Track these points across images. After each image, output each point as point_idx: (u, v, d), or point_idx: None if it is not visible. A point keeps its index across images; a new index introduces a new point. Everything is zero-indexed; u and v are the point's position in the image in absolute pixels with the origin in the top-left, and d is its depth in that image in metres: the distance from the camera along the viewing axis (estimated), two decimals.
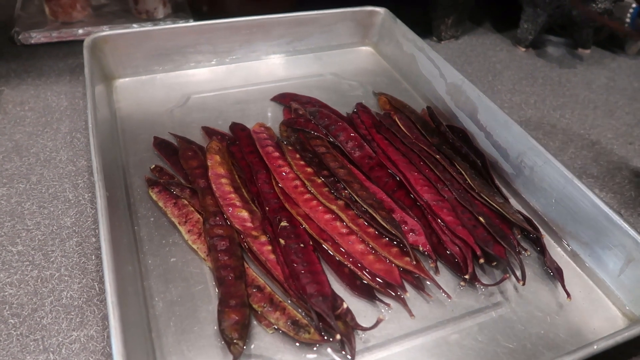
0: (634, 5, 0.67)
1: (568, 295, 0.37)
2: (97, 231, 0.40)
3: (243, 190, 0.43)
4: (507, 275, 0.37)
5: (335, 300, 0.35)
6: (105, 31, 0.54)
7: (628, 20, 0.68)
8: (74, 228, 0.40)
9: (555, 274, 0.39)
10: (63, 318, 0.34)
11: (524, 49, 0.71)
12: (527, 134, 0.44)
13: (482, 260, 0.38)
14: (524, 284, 0.37)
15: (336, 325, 0.33)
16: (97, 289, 0.36)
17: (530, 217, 0.42)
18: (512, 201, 0.45)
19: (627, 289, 0.37)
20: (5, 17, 0.64)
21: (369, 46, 0.66)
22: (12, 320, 0.34)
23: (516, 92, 0.62)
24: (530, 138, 0.44)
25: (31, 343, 0.33)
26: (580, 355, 0.29)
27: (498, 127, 0.47)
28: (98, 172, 0.37)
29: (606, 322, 0.36)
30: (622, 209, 0.47)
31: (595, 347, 0.29)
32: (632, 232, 0.36)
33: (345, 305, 0.34)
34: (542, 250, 0.40)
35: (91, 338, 0.33)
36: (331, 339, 0.33)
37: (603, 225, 0.38)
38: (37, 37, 0.61)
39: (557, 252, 0.41)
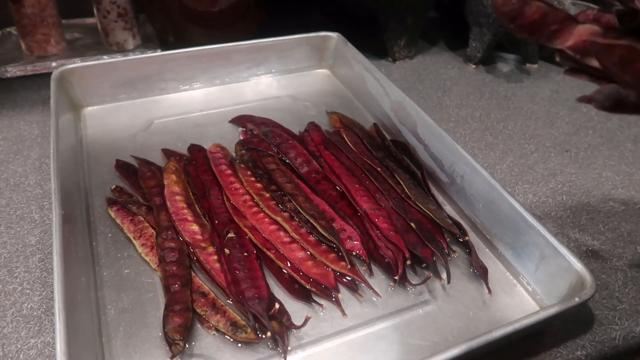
0: None
1: (489, 291, 0.41)
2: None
3: (196, 206, 0.47)
4: (430, 274, 0.41)
5: (272, 302, 0.38)
6: (73, 64, 0.58)
7: None
8: (38, 246, 0.44)
9: (480, 272, 0.42)
10: (23, 327, 0.38)
11: (474, 66, 0.75)
12: (457, 145, 0.48)
13: (409, 262, 0.41)
14: (448, 283, 0.41)
15: (269, 325, 0.36)
16: None
17: (459, 221, 0.46)
18: (448, 208, 0.49)
19: (543, 284, 0.40)
20: None
21: (325, 68, 0.70)
22: None
23: (463, 107, 0.66)
24: (459, 148, 0.48)
25: None
26: (483, 340, 0.32)
27: (434, 139, 0.51)
28: (55, 193, 0.40)
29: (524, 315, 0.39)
30: (552, 211, 0.51)
31: (493, 333, 0.32)
32: (542, 230, 0.40)
33: (277, 306, 0.37)
34: (469, 252, 0.44)
35: (47, 344, 0.36)
36: (264, 336, 0.36)
37: (520, 226, 0.41)
38: (12, 71, 0.65)
39: (485, 253, 0.45)
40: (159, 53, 0.62)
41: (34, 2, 0.64)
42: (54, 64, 0.67)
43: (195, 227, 0.44)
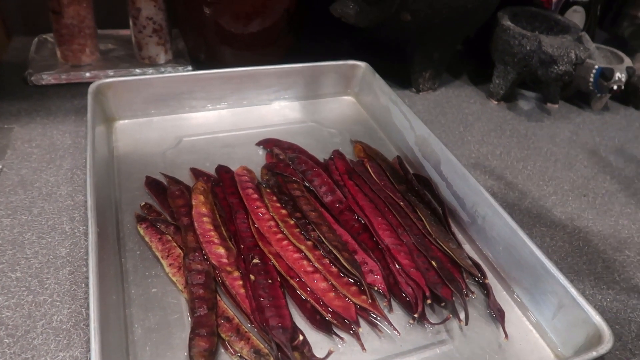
0: (596, 66, 0.73)
1: (506, 335, 0.41)
2: (88, 262, 0.44)
3: (222, 228, 0.48)
4: (450, 315, 0.42)
5: (295, 332, 0.39)
6: (109, 78, 0.59)
7: (591, 80, 0.74)
8: (68, 258, 0.45)
9: (497, 315, 0.43)
10: (52, 340, 0.39)
11: (496, 102, 0.76)
12: (480, 186, 0.49)
13: (429, 301, 0.42)
14: (466, 324, 0.42)
15: (292, 355, 0.37)
16: (84, 314, 0.41)
17: (479, 262, 0.47)
18: (467, 247, 0.50)
19: (560, 332, 0.41)
20: (21, 60, 0.70)
21: (350, 96, 0.71)
22: (6, 340, 0.38)
23: (484, 143, 0.67)
24: (482, 190, 0.49)
25: None
26: None
27: (457, 178, 0.52)
28: (91, 210, 0.41)
29: None
30: (569, 256, 0.51)
31: None
32: (562, 279, 0.41)
33: (301, 338, 0.38)
34: (487, 293, 0.45)
35: (75, 359, 0.38)
36: None
37: (539, 273, 0.42)
38: (47, 78, 0.67)
39: (503, 296, 0.46)
40: (192, 72, 0.64)
41: (74, 13, 0.66)
42: (87, 74, 0.68)
43: (221, 250, 0.45)
